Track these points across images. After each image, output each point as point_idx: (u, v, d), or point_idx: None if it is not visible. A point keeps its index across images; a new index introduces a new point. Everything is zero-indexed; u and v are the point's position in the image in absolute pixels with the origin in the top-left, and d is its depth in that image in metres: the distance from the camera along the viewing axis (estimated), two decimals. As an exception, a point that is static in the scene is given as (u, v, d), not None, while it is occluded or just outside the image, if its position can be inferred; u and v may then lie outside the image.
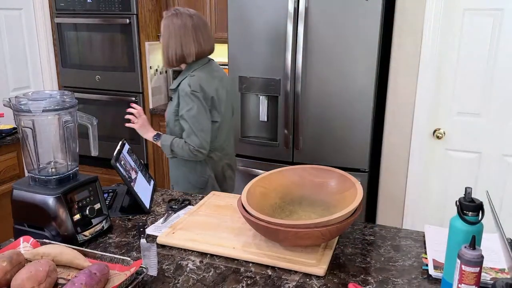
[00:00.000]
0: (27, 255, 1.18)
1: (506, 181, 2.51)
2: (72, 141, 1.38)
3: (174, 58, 1.94)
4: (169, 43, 1.92)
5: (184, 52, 1.92)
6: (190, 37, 1.90)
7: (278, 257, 1.25)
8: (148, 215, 1.56)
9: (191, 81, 1.89)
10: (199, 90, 1.88)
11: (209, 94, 1.91)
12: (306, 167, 1.52)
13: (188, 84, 1.88)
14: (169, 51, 1.93)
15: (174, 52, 1.92)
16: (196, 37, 1.92)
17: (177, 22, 1.90)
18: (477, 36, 2.41)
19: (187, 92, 1.88)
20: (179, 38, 1.90)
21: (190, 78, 1.90)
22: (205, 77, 1.92)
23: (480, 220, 1.03)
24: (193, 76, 1.90)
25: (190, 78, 1.90)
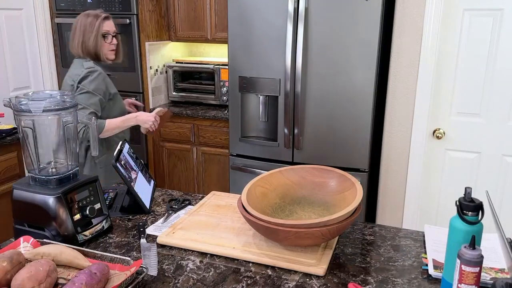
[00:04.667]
0: (27, 255, 1.18)
1: (506, 181, 2.51)
2: (72, 141, 1.38)
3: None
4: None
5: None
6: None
7: (278, 257, 1.25)
8: (148, 215, 1.56)
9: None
10: None
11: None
12: (306, 167, 1.52)
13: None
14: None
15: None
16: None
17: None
18: (477, 36, 2.41)
19: None
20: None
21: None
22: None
23: (480, 220, 1.03)
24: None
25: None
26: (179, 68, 3.56)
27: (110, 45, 2.18)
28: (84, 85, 2.08)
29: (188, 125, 3.36)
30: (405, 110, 2.60)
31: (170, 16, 3.52)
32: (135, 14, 3.26)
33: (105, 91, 2.13)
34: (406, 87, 2.58)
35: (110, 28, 2.17)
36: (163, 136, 3.47)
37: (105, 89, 2.13)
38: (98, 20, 2.12)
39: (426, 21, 2.45)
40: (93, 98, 2.08)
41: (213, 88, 3.45)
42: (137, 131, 3.46)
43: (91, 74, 2.10)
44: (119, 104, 2.24)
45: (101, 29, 2.13)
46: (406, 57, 2.54)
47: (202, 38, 3.47)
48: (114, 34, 2.19)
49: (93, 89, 2.08)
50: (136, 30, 3.29)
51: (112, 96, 2.18)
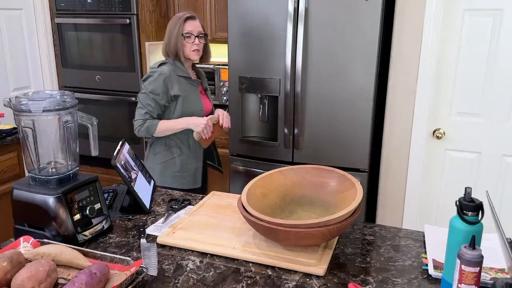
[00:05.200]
0: (27, 255, 1.18)
1: (506, 181, 2.51)
2: (72, 141, 1.38)
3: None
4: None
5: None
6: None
7: (278, 257, 1.25)
8: (148, 215, 1.56)
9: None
10: None
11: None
12: (306, 167, 1.52)
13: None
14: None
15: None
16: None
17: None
18: (477, 36, 2.41)
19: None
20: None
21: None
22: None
23: (480, 220, 1.03)
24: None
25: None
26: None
27: (192, 45, 2.13)
28: (144, 85, 2.13)
29: (188, 125, 3.35)
30: (405, 110, 2.60)
31: (170, 16, 3.51)
32: (135, 14, 3.26)
33: (165, 92, 2.10)
34: (406, 87, 2.58)
35: (192, 28, 2.13)
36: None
37: (165, 91, 2.10)
38: (180, 20, 2.12)
39: (426, 21, 2.45)
40: (149, 98, 2.11)
41: (213, 88, 3.45)
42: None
43: (152, 75, 2.12)
44: (182, 106, 2.15)
45: (182, 29, 2.11)
46: (406, 57, 2.54)
47: (202, 38, 3.47)
48: (197, 35, 2.14)
49: (150, 90, 2.10)
50: (136, 30, 3.28)
51: (173, 98, 2.13)
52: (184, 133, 2.16)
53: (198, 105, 2.20)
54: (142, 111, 2.15)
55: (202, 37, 2.17)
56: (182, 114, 2.15)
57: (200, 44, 2.16)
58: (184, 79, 2.16)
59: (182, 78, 2.16)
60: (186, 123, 2.11)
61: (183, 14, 2.16)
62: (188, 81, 2.18)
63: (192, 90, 2.19)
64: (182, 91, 2.14)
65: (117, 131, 3.53)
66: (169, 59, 2.18)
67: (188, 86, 2.18)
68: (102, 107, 3.54)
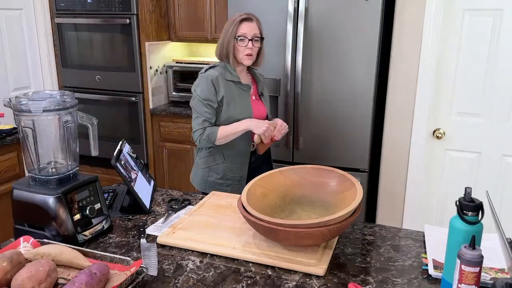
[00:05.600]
0: (27, 255, 1.18)
1: (506, 181, 2.51)
2: (72, 141, 1.38)
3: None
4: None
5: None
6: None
7: (278, 257, 1.25)
8: (148, 215, 1.56)
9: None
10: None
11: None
12: (306, 167, 1.52)
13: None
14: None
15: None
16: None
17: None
18: (477, 36, 2.41)
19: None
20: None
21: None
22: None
23: (480, 220, 1.03)
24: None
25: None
26: (179, 68, 3.56)
27: (245, 49, 1.96)
28: (196, 93, 2.01)
29: (188, 125, 3.36)
30: (405, 110, 2.60)
31: (170, 16, 3.52)
32: (135, 14, 3.26)
33: (215, 95, 1.98)
34: (406, 87, 2.58)
35: (247, 31, 1.96)
36: (163, 136, 3.47)
37: (214, 93, 1.97)
38: (235, 21, 1.97)
39: (426, 21, 2.45)
40: (204, 105, 1.98)
41: (213, 88, 3.45)
42: (136, 130, 3.48)
43: (199, 79, 2.01)
44: (228, 111, 2.00)
45: (235, 31, 1.96)
46: (406, 57, 2.54)
47: (202, 38, 3.47)
48: (252, 38, 1.96)
49: (203, 97, 1.97)
50: (136, 30, 3.28)
51: (220, 102, 1.99)
52: (229, 141, 2.00)
53: (247, 110, 2.03)
54: (199, 119, 1.99)
55: (257, 41, 1.99)
56: (228, 119, 1.99)
57: (254, 48, 1.98)
58: (233, 83, 2.01)
59: (231, 82, 2.01)
60: (247, 125, 1.96)
61: (240, 15, 2.00)
62: (237, 86, 2.02)
63: (242, 94, 2.03)
64: (228, 96, 1.99)
65: (117, 131, 3.53)
66: (221, 63, 2.04)
67: (237, 90, 2.02)
68: (102, 107, 3.54)
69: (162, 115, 3.42)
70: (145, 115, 3.46)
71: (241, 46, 1.96)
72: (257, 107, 2.09)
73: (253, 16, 2.03)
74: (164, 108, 3.46)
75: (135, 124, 3.48)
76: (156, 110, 3.44)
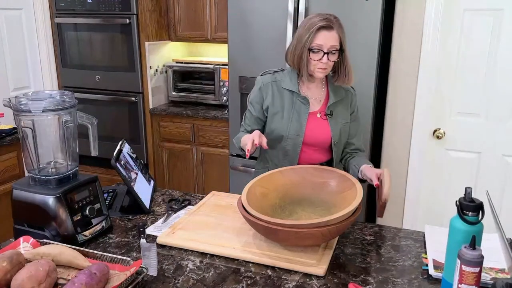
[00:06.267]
0: (27, 255, 1.18)
1: (506, 181, 2.51)
2: (72, 141, 1.38)
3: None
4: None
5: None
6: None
7: (278, 257, 1.25)
8: (148, 215, 1.56)
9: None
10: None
11: None
12: (306, 167, 1.52)
13: (353, 89, 1.88)
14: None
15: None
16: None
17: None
18: (477, 36, 2.41)
19: (357, 99, 1.86)
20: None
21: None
22: None
23: (480, 220, 1.03)
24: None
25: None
26: (179, 68, 3.56)
27: (318, 63, 1.63)
28: (249, 95, 1.83)
29: (188, 125, 3.36)
30: (405, 110, 2.60)
31: (170, 16, 3.52)
32: (135, 14, 3.25)
33: (259, 103, 1.77)
34: (406, 87, 2.58)
35: (324, 42, 1.61)
36: (163, 136, 3.47)
37: (260, 101, 1.77)
38: (312, 29, 1.61)
39: (426, 21, 2.44)
40: (247, 110, 1.82)
41: (213, 88, 3.45)
42: (136, 130, 3.48)
43: (255, 84, 1.80)
44: (272, 123, 1.76)
45: (310, 41, 1.62)
46: (406, 57, 2.54)
47: (202, 38, 3.47)
48: (328, 51, 1.61)
49: (250, 100, 1.80)
50: (136, 30, 3.28)
51: (265, 111, 1.77)
52: (275, 149, 1.78)
53: (295, 127, 1.71)
54: (242, 126, 1.84)
55: (334, 53, 1.64)
56: (270, 134, 1.76)
57: (329, 62, 1.64)
58: (289, 93, 1.73)
59: (287, 91, 1.73)
60: (245, 138, 1.67)
61: (318, 19, 1.64)
62: (295, 96, 1.72)
63: (296, 107, 1.72)
64: (276, 106, 1.74)
65: (117, 131, 3.53)
66: (287, 68, 1.78)
67: (291, 101, 1.73)
68: (102, 107, 3.54)
69: (162, 115, 3.42)
70: (145, 115, 3.46)
71: (314, 60, 1.63)
72: (315, 127, 1.73)
73: (335, 20, 1.67)
74: (164, 108, 3.46)
75: (135, 124, 3.48)
76: (156, 110, 3.43)
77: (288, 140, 1.73)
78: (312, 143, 1.74)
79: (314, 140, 1.74)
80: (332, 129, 1.74)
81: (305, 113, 1.72)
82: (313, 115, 1.74)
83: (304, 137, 1.72)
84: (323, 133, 1.73)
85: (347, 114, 1.80)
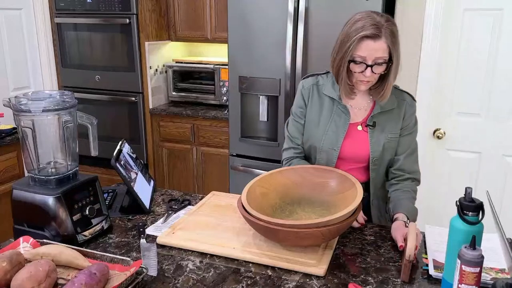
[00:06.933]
0: (27, 255, 1.17)
1: (506, 181, 2.51)
2: (72, 141, 1.38)
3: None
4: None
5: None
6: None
7: (278, 257, 1.25)
8: (148, 215, 1.56)
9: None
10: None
11: None
12: (306, 167, 1.52)
13: (414, 99, 1.62)
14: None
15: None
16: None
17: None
18: (477, 36, 2.41)
19: (415, 110, 1.58)
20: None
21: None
22: None
23: (480, 220, 1.03)
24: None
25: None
26: (179, 68, 3.56)
27: (360, 75, 1.42)
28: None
29: (188, 125, 3.36)
30: (405, 110, 2.60)
31: (170, 16, 3.51)
32: (135, 14, 3.25)
33: (300, 109, 1.61)
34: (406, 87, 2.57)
35: (367, 54, 1.39)
36: (163, 136, 3.47)
37: (301, 106, 1.61)
38: (355, 37, 1.39)
39: (426, 21, 2.45)
40: (291, 118, 1.64)
41: (213, 88, 3.45)
42: (136, 130, 3.47)
43: (297, 88, 1.65)
44: (307, 131, 1.60)
45: (352, 50, 1.40)
46: (406, 57, 2.53)
47: (202, 38, 3.47)
48: (373, 63, 1.40)
49: (293, 110, 1.65)
50: (136, 30, 3.28)
51: (305, 117, 1.61)
52: (311, 159, 1.64)
53: (330, 138, 1.54)
54: (286, 137, 1.64)
55: (379, 65, 1.42)
56: (306, 143, 1.62)
57: (374, 75, 1.42)
58: (329, 100, 1.55)
59: (328, 98, 1.56)
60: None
61: (363, 25, 1.40)
62: (336, 104, 1.54)
63: (335, 117, 1.53)
64: (314, 112, 1.57)
65: (117, 131, 3.53)
66: (330, 73, 1.59)
67: (330, 109, 1.55)
68: (102, 107, 3.53)
69: (162, 115, 3.42)
70: (144, 115, 3.46)
71: (356, 72, 1.43)
72: (354, 141, 1.53)
73: (386, 26, 1.40)
74: (164, 108, 3.46)
75: (135, 124, 3.48)
76: (156, 110, 3.43)
77: (322, 153, 1.56)
78: (349, 159, 1.54)
79: (351, 155, 1.53)
80: (372, 142, 1.50)
81: (345, 125, 1.52)
82: (353, 127, 1.53)
83: (340, 152, 1.52)
84: (362, 148, 1.52)
85: (397, 128, 1.53)
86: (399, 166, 1.57)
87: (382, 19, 1.41)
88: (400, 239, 1.30)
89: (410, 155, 1.58)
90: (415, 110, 1.58)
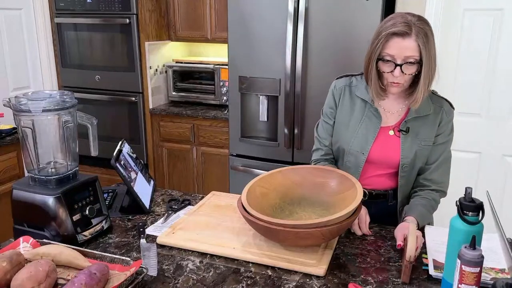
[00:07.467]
0: (27, 255, 1.17)
1: (506, 181, 2.51)
2: (72, 141, 1.38)
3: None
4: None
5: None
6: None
7: (278, 257, 1.25)
8: (148, 215, 1.56)
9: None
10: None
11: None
12: (307, 167, 1.52)
13: (452, 106, 1.50)
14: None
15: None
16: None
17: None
18: (477, 36, 2.41)
19: (451, 119, 1.50)
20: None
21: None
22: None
23: (480, 220, 1.03)
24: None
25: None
26: (179, 68, 3.56)
27: (389, 75, 1.38)
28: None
29: (188, 125, 3.36)
30: (405, 110, 2.60)
31: (170, 16, 3.51)
32: (135, 13, 3.25)
33: (330, 110, 1.59)
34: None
35: (396, 52, 1.34)
36: (163, 136, 3.47)
37: (331, 107, 1.59)
38: (383, 34, 1.35)
39: (426, 21, 2.45)
40: (321, 119, 1.63)
41: (213, 88, 3.45)
42: (136, 130, 3.47)
43: (329, 89, 1.62)
44: (336, 133, 1.58)
45: (380, 48, 1.37)
46: (406, 57, 2.54)
47: (202, 38, 3.47)
48: (402, 62, 1.34)
49: (324, 107, 1.63)
50: (136, 30, 3.28)
51: (333, 120, 1.58)
52: (338, 162, 1.61)
53: (359, 142, 1.50)
54: (316, 137, 1.62)
55: (410, 65, 1.35)
56: (334, 145, 1.59)
57: (404, 76, 1.36)
58: (361, 102, 1.51)
59: (360, 100, 1.52)
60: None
61: (393, 23, 1.35)
62: (367, 107, 1.50)
63: (366, 120, 1.49)
64: (344, 114, 1.54)
65: (117, 131, 3.53)
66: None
67: (362, 112, 1.51)
68: (102, 107, 3.53)
69: (162, 115, 3.42)
70: (144, 115, 3.46)
71: (385, 72, 1.39)
72: (384, 145, 1.49)
73: (418, 24, 1.33)
74: (164, 108, 3.46)
75: (135, 124, 3.48)
76: (156, 110, 3.43)
77: (349, 156, 1.52)
78: (377, 164, 1.50)
79: (380, 160, 1.48)
80: (404, 148, 1.46)
81: (376, 128, 1.47)
82: (384, 131, 1.49)
83: (368, 156, 1.48)
84: (393, 153, 1.47)
85: (431, 135, 1.47)
86: (428, 175, 1.52)
87: (414, 18, 1.35)
88: (400, 238, 1.30)
89: (442, 165, 1.53)
90: (452, 118, 1.50)
